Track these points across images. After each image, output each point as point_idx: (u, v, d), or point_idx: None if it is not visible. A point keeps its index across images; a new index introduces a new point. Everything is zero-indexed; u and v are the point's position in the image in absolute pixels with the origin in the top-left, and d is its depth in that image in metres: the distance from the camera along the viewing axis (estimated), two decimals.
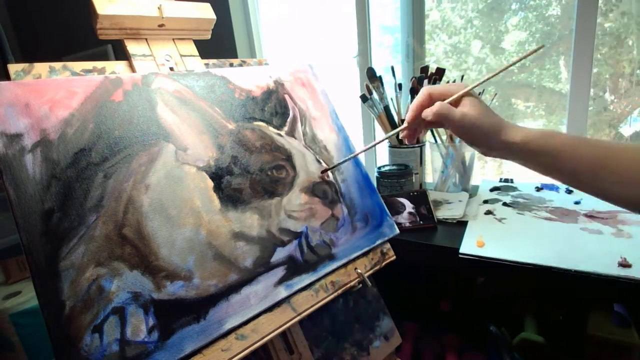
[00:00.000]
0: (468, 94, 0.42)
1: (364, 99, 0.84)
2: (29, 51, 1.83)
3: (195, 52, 0.51)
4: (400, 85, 0.85)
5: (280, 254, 0.43)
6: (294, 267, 0.43)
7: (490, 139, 0.41)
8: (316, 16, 1.28)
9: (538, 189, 0.83)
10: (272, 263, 0.42)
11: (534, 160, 0.41)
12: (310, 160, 0.51)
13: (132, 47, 0.46)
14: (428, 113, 0.42)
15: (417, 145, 0.83)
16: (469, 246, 0.60)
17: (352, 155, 0.52)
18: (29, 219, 0.31)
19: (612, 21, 0.88)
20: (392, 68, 0.85)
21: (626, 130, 0.95)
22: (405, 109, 0.85)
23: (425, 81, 0.82)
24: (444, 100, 0.43)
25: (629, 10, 0.87)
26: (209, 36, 0.54)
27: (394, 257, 0.55)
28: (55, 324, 0.29)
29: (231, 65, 0.56)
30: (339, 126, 0.58)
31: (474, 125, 0.41)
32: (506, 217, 0.70)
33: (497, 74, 0.43)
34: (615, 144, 0.39)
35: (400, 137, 0.47)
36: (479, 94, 0.81)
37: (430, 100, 0.43)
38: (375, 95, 0.84)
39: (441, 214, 0.73)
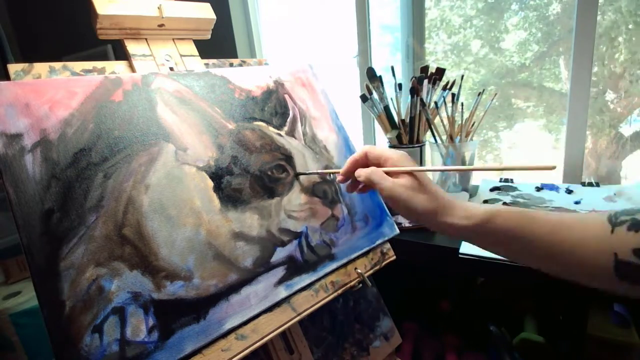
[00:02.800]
0: (404, 159, 0.40)
1: (364, 99, 0.84)
2: (29, 51, 1.83)
3: (195, 52, 0.51)
4: (400, 85, 0.84)
5: (280, 254, 0.43)
6: (294, 267, 0.43)
7: (423, 219, 0.38)
8: (316, 16, 1.28)
9: (538, 189, 0.83)
10: (272, 263, 0.42)
11: (483, 243, 0.38)
12: (310, 161, 0.51)
13: (132, 47, 0.46)
14: (360, 174, 0.41)
15: (417, 145, 0.83)
16: (469, 246, 0.60)
17: (321, 171, 0.51)
18: (29, 219, 0.31)
19: (606, 20, 0.88)
20: (392, 68, 0.85)
21: (626, 130, 0.95)
22: (406, 109, 0.85)
23: (425, 81, 0.82)
24: (377, 165, 0.41)
25: (619, 10, 0.87)
26: (209, 36, 0.54)
27: (394, 257, 0.55)
28: (55, 324, 0.29)
29: (231, 65, 0.56)
30: (339, 126, 0.58)
31: (401, 201, 0.38)
32: None
33: (453, 170, 0.41)
34: (568, 216, 0.36)
35: (338, 181, 0.46)
36: (479, 93, 0.81)
37: (366, 160, 0.42)
38: (375, 95, 0.84)
39: None
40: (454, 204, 0.38)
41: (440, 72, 0.81)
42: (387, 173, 0.40)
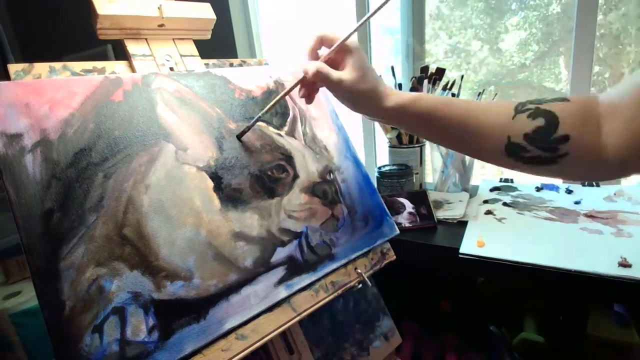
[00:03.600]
0: (354, 49, 0.42)
1: None
2: (29, 51, 1.83)
3: (195, 52, 0.51)
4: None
5: (280, 254, 0.43)
6: (294, 267, 0.43)
7: (369, 105, 0.42)
8: (316, 16, 1.28)
9: (538, 189, 0.83)
10: (272, 263, 0.42)
11: (409, 123, 0.43)
12: (310, 161, 0.51)
13: (132, 47, 0.46)
14: (307, 69, 0.42)
15: (417, 145, 0.83)
16: (469, 246, 0.60)
17: (261, 113, 0.46)
18: (29, 219, 0.31)
19: (611, 21, 0.88)
20: (392, 68, 0.85)
21: None
22: None
23: (425, 81, 0.82)
24: (331, 48, 0.42)
25: (626, 11, 0.87)
26: (209, 36, 0.54)
27: (394, 257, 0.55)
28: (55, 324, 0.29)
29: (231, 65, 0.56)
30: (339, 126, 0.58)
31: (351, 91, 0.41)
32: (506, 217, 0.70)
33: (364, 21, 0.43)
34: (480, 102, 0.43)
35: (301, 96, 0.45)
36: (479, 93, 0.81)
37: (321, 45, 0.43)
38: None
39: (441, 214, 0.73)
40: (391, 91, 0.43)
41: (440, 72, 0.81)
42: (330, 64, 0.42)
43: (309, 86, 0.45)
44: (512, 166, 0.40)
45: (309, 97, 0.46)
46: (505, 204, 0.77)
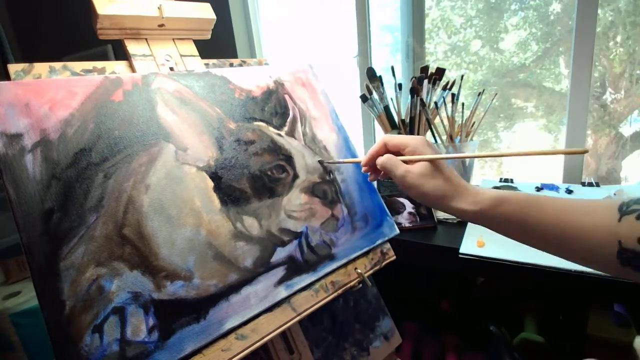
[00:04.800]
0: (423, 145, 0.41)
1: (364, 99, 0.84)
2: (29, 51, 1.83)
3: (195, 52, 0.51)
4: (400, 85, 0.85)
5: (280, 254, 0.43)
6: (294, 267, 0.43)
7: (436, 204, 0.40)
8: (316, 16, 1.28)
9: (538, 189, 0.83)
10: (272, 263, 0.42)
11: (496, 228, 0.39)
12: (310, 161, 0.51)
13: (132, 47, 0.46)
14: (378, 162, 0.42)
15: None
16: (469, 246, 0.60)
17: (345, 160, 0.52)
18: (29, 219, 0.31)
19: (604, 20, 0.88)
20: (392, 68, 0.85)
21: (626, 130, 0.95)
22: (406, 109, 0.85)
23: (425, 81, 0.82)
24: (397, 153, 0.42)
25: (617, 8, 0.87)
26: (209, 36, 0.54)
27: (394, 257, 0.55)
28: (55, 324, 0.29)
29: (231, 65, 0.56)
30: (339, 126, 0.58)
31: (415, 187, 0.39)
32: None
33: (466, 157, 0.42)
34: (575, 201, 0.36)
35: (363, 172, 0.48)
36: (479, 93, 0.81)
37: (385, 150, 0.43)
38: (375, 95, 0.84)
39: (441, 214, 0.73)
40: (465, 189, 0.39)
41: (440, 72, 0.81)
42: (405, 161, 0.41)
43: (375, 169, 0.45)
44: (631, 277, 0.33)
45: (373, 178, 0.47)
46: None
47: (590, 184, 0.83)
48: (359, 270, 0.49)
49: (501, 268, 0.56)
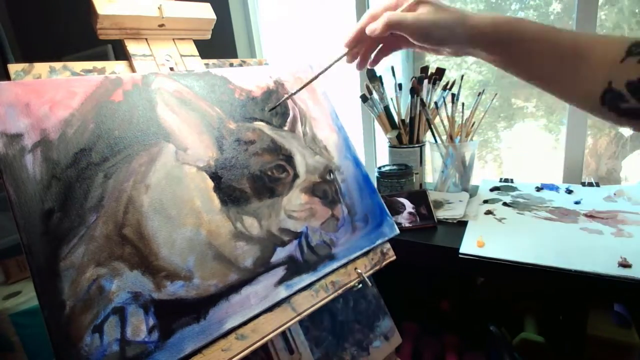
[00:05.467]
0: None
1: (364, 99, 0.84)
2: (29, 51, 1.83)
3: (195, 52, 0.51)
4: (400, 85, 0.85)
5: (280, 254, 0.43)
6: (294, 267, 0.43)
7: (454, 31, 0.39)
8: (316, 16, 1.28)
9: (538, 189, 0.83)
10: (272, 263, 0.42)
11: (501, 46, 0.39)
12: (310, 161, 0.51)
13: (132, 47, 0.46)
14: (374, 26, 0.40)
15: (417, 145, 0.83)
16: (469, 246, 0.60)
17: (299, 88, 0.49)
18: (29, 219, 0.31)
19: (608, 21, 0.88)
20: (392, 68, 0.85)
21: (626, 130, 0.95)
22: (406, 109, 0.85)
23: (425, 81, 0.82)
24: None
25: (621, 9, 0.87)
26: (209, 36, 0.54)
27: (394, 257, 0.55)
28: (55, 324, 0.29)
29: (231, 65, 0.56)
30: (339, 126, 0.58)
31: (433, 22, 0.39)
32: (506, 217, 0.70)
33: None
34: (589, 34, 0.37)
35: (348, 62, 0.45)
36: (479, 93, 0.81)
37: (374, 20, 0.41)
38: (375, 95, 0.84)
39: (441, 214, 0.73)
40: (475, 13, 0.39)
41: (440, 72, 0.81)
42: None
43: (364, 52, 0.43)
44: (603, 116, 0.35)
45: (361, 63, 0.44)
46: (505, 203, 0.77)
47: (590, 184, 0.83)
48: (359, 270, 0.50)
49: (501, 268, 0.56)
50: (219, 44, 1.27)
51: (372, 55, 0.45)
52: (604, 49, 0.34)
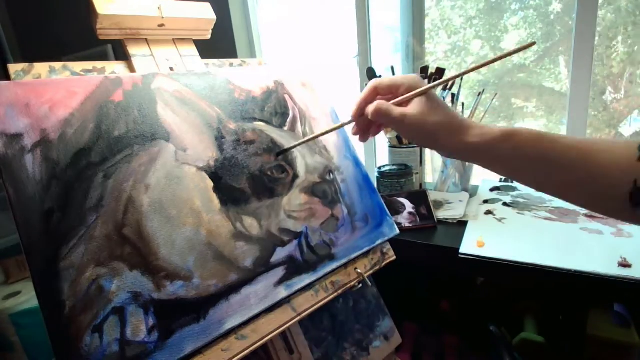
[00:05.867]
0: (417, 83, 0.38)
1: None
2: (29, 51, 1.83)
3: (195, 52, 0.51)
4: None
5: (280, 254, 0.43)
6: (294, 267, 0.43)
7: (444, 141, 0.36)
8: (316, 16, 1.28)
9: None
10: (272, 263, 0.42)
11: (502, 163, 0.36)
12: (310, 161, 0.51)
13: (132, 47, 0.46)
14: (368, 111, 0.39)
15: (417, 145, 0.83)
16: (469, 246, 0.60)
17: (328, 130, 0.48)
18: (29, 219, 0.31)
19: (605, 20, 0.88)
20: (392, 68, 0.85)
21: (626, 130, 0.95)
22: None
23: (425, 81, 0.82)
24: (389, 96, 0.39)
25: (618, 8, 0.87)
26: (209, 36, 0.54)
27: (394, 257, 0.55)
28: (55, 324, 0.29)
29: (231, 65, 0.56)
30: None
31: (416, 126, 0.36)
32: (506, 217, 0.70)
33: (463, 74, 0.39)
34: (593, 139, 0.34)
35: (353, 134, 0.43)
36: (479, 93, 0.81)
37: (375, 95, 0.40)
38: None
39: (441, 214, 0.73)
40: (470, 122, 0.36)
41: (440, 72, 0.81)
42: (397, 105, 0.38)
43: (365, 125, 0.42)
44: (631, 216, 0.32)
45: (362, 136, 0.42)
46: (505, 204, 0.77)
47: None
48: (359, 270, 0.49)
49: (501, 268, 0.56)
50: (219, 44, 1.26)
51: (374, 128, 0.43)
52: (614, 151, 0.32)
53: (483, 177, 0.95)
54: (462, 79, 0.81)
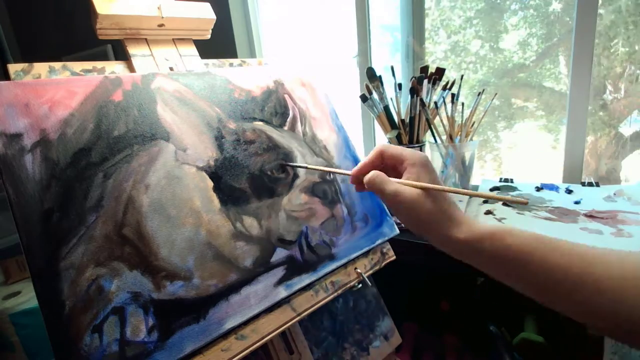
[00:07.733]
0: (418, 162, 0.36)
1: (363, 99, 0.84)
2: (29, 51, 1.83)
3: (195, 52, 0.51)
4: (400, 85, 0.84)
5: (280, 254, 0.43)
6: (294, 267, 0.43)
7: (432, 232, 0.34)
8: (316, 16, 1.28)
9: (538, 189, 0.83)
10: (272, 263, 0.42)
11: (489, 264, 0.33)
12: (310, 160, 0.51)
13: (132, 47, 0.46)
14: (365, 178, 0.37)
15: (416, 145, 0.83)
16: None
17: (311, 167, 0.49)
18: (29, 219, 0.31)
19: (605, 19, 0.88)
20: (392, 68, 0.85)
21: (626, 130, 0.95)
22: (406, 109, 0.85)
23: (425, 81, 0.82)
24: (393, 165, 0.37)
25: (618, 8, 0.87)
26: (208, 36, 0.54)
27: (394, 257, 0.55)
28: (55, 324, 0.29)
29: (231, 65, 0.56)
30: (339, 126, 0.58)
31: (406, 210, 0.34)
32: (506, 217, 0.70)
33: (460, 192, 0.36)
34: (594, 248, 0.30)
35: (350, 182, 0.42)
36: (479, 93, 0.81)
37: (381, 160, 0.38)
38: (375, 95, 0.84)
39: None
40: (462, 217, 0.34)
41: (440, 72, 0.81)
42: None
43: (362, 183, 0.39)
44: None
45: (358, 189, 0.40)
46: (505, 203, 0.77)
47: (590, 184, 0.83)
48: (359, 270, 0.49)
49: None
50: (219, 44, 1.26)
51: None
52: (620, 264, 0.28)
53: (483, 177, 0.95)
54: (462, 78, 0.81)
